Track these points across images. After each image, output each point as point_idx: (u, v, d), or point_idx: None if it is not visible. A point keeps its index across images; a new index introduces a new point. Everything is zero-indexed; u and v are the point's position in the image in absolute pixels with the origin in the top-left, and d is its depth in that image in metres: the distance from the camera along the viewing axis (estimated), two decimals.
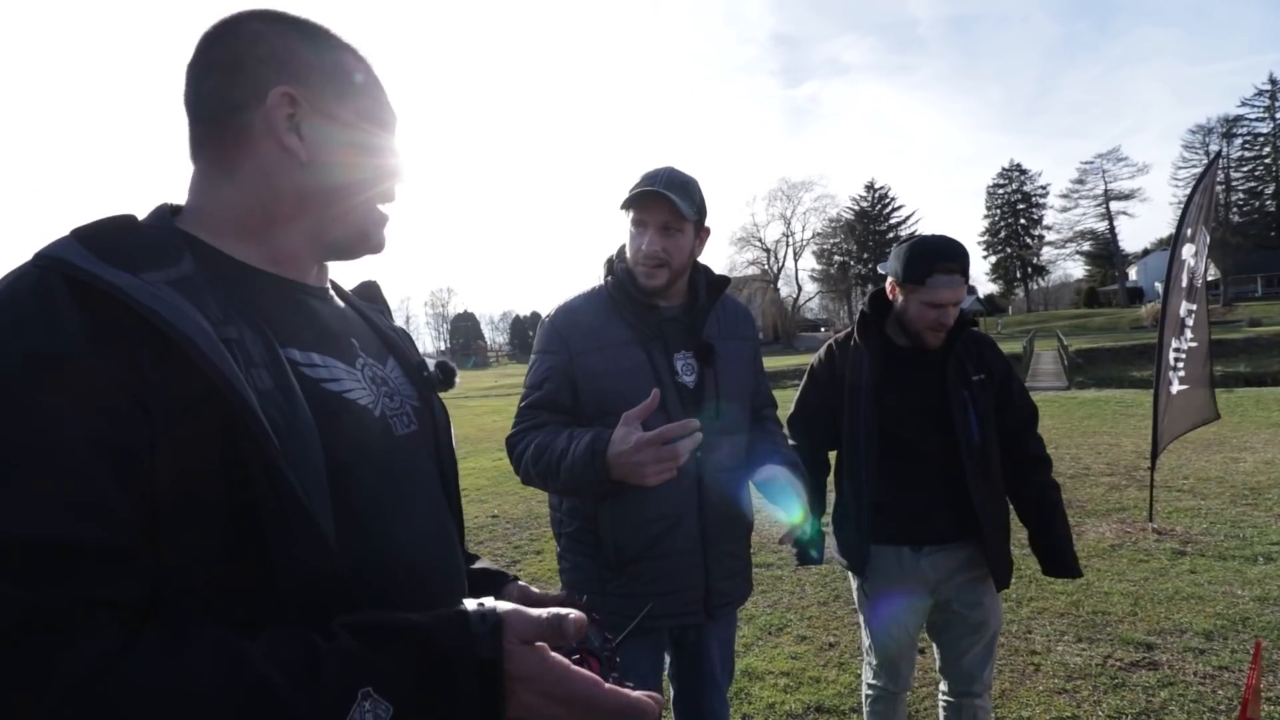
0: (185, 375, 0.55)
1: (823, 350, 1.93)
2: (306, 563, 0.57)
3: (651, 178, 1.43)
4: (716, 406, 1.45)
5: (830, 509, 1.98)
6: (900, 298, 1.76)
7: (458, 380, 0.92)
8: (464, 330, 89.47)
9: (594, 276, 1.59)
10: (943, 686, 1.92)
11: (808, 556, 1.90)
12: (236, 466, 0.56)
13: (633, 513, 1.35)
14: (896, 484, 1.75)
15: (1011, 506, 1.86)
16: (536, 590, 0.90)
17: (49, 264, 0.55)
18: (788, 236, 60.13)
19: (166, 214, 0.70)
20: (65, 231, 0.60)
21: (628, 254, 1.49)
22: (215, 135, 0.69)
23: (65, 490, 0.50)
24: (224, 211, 0.70)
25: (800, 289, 64.07)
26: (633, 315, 1.45)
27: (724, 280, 1.55)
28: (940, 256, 1.68)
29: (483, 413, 16.67)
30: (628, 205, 1.45)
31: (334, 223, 0.74)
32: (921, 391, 1.75)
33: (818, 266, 65.49)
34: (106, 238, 0.59)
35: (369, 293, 0.92)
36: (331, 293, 0.82)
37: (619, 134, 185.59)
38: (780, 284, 59.03)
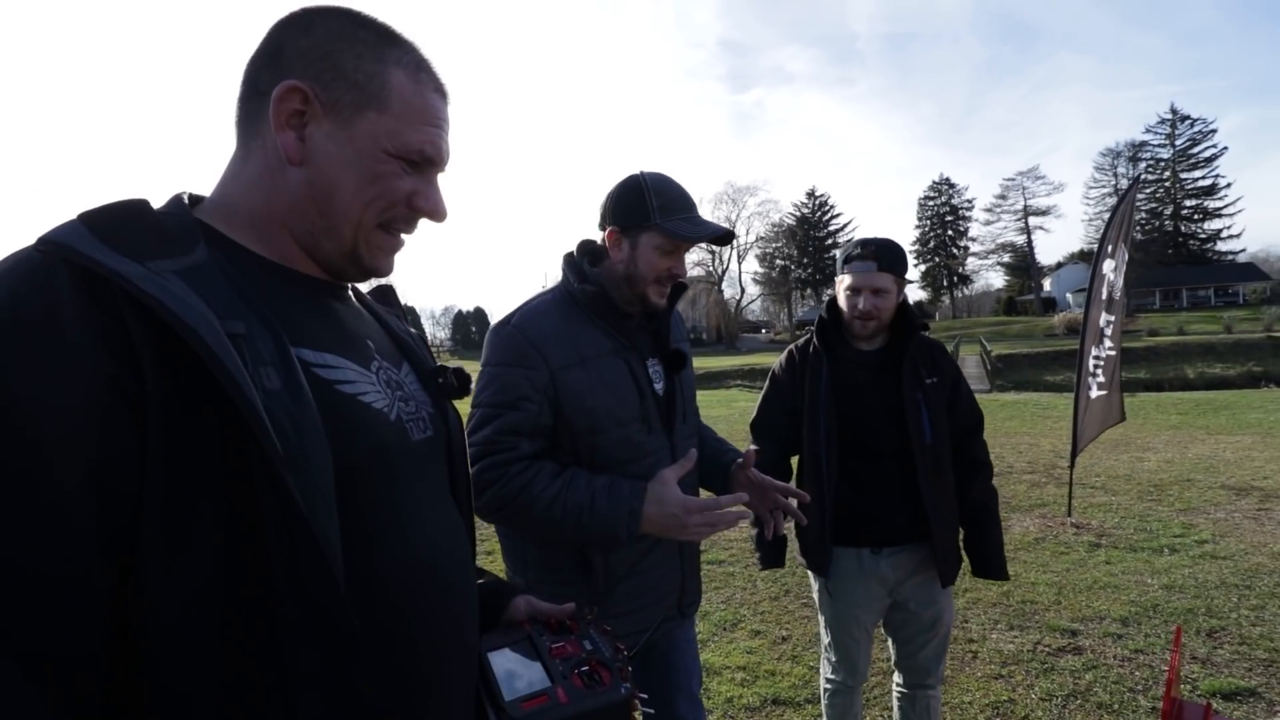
0: (188, 372, 0.52)
1: (784, 356, 1.98)
2: (307, 576, 0.55)
3: (693, 202, 1.39)
4: (684, 411, 1.45)
5: None
6: (838, 295, 1.88)
7: (473, 387, 0.90)
8: None
9: (540, 274, 1.53)
10: (897, 679, 1.99)
11: (770, 560, 1.96)
12: (238, 473, 0.53)
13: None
14: (856, 486, 1.82)
15: None
16: (545, 604, 0.90)
17: (52, 250, 0.52)
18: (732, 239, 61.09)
19: (183, 202, 0.67)
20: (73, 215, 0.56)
21: (640, 266, 1.35)
22: (241, 118, 0.68)
23: (37, 510, 0.48)
24: (239, 202, 0.68)
25: (743, 291, 65.36)
26: (609, 324, 1.37)
27: (682, 285, 1.46)
28: (858, 245, 1.82)
29: None
30: (684, 237, 1.33)
31: (323, 236, 0.69)
32: (879, 394, 1.82)
33: (760, 269, 67.02)
34: (114, 223, 0.55)
35: (385, 296, 0.89)
36: (349, 292, 0.80)
37: (567, 129, 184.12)
38: (724, 285, 60.06)
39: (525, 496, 1.22)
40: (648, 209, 1.33)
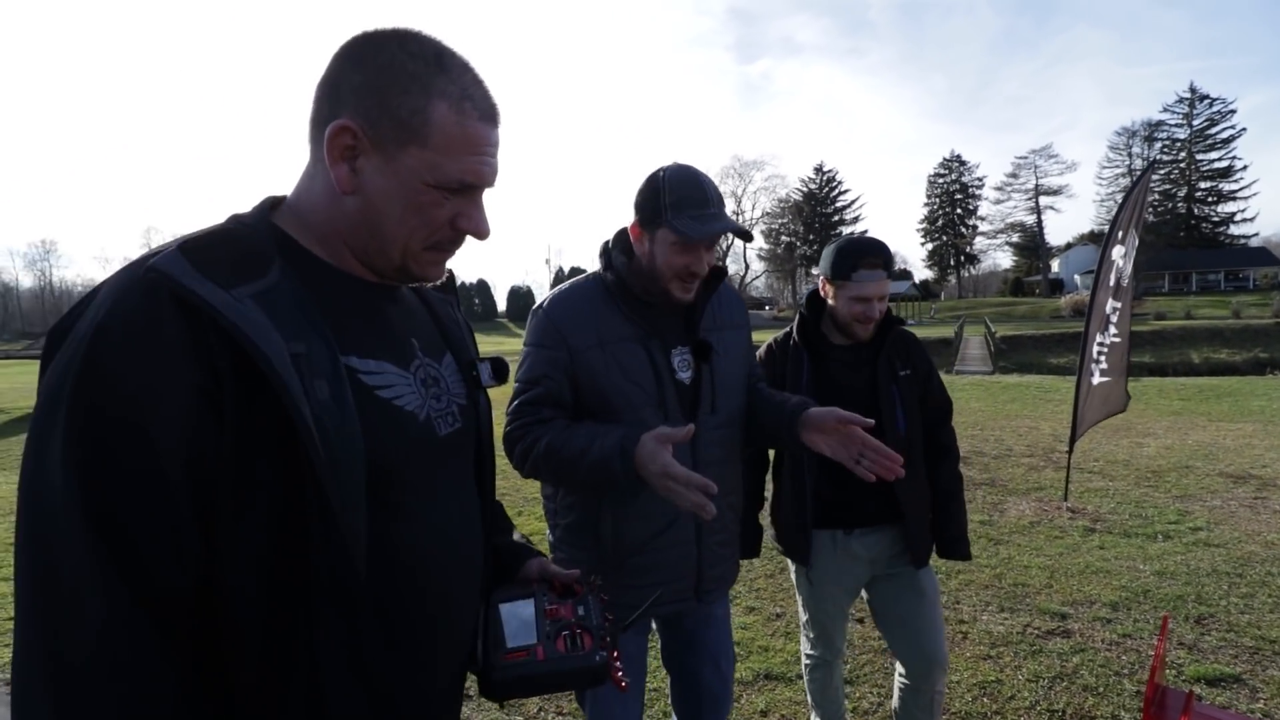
0: (257, 384, 0.63)
1: (763, 350, 2.00)
2: (336, 554, 0.67)
3: (713, 199, 1.36)
4: (713, 401, 1.45)
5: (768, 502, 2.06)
6: (831, 295, 1.87)
7: (510, 377, 0.95)
8: None
9: (543, 246, 1.56)
10: (900, 671, 1.98)
11: (746, 550, 1.98)
12: (289, 467, 0.64)
13: (634, 509, 1.35)
14: (832, 475, 1.84)
15: None
16: (558, 569, 0.98)
17: (157, 278, 0.62)
18: (738, 215, 60.59)
19: (266, 210, 0.77)
20: (178, 236, 0.69)
21: (659, 262, 1.38)
22: (312, 136, 0.75)
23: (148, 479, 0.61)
24: (309, 214, 0.77)
25: (748, 267, 65.01)
26: (631, 310, 1.42)
27: (722, 270, 1.51)
28: (864, 252, 1.81)
29: None
30: (690, 236, 1.32)
31: (375, 255, 0.78)
32: (856, 387, 1.86)
33: (765, 246, 66.60)
34: (207, 251, 0.66)
35: (444, 282, 0.95)
36: (401, 290, 0.87)
37: (569, 98, 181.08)
38: (729, 261, 59.68)
39: (540, 446, 1.34)
40: (660, 206, 1.35)
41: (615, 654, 0.89)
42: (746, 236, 1.41)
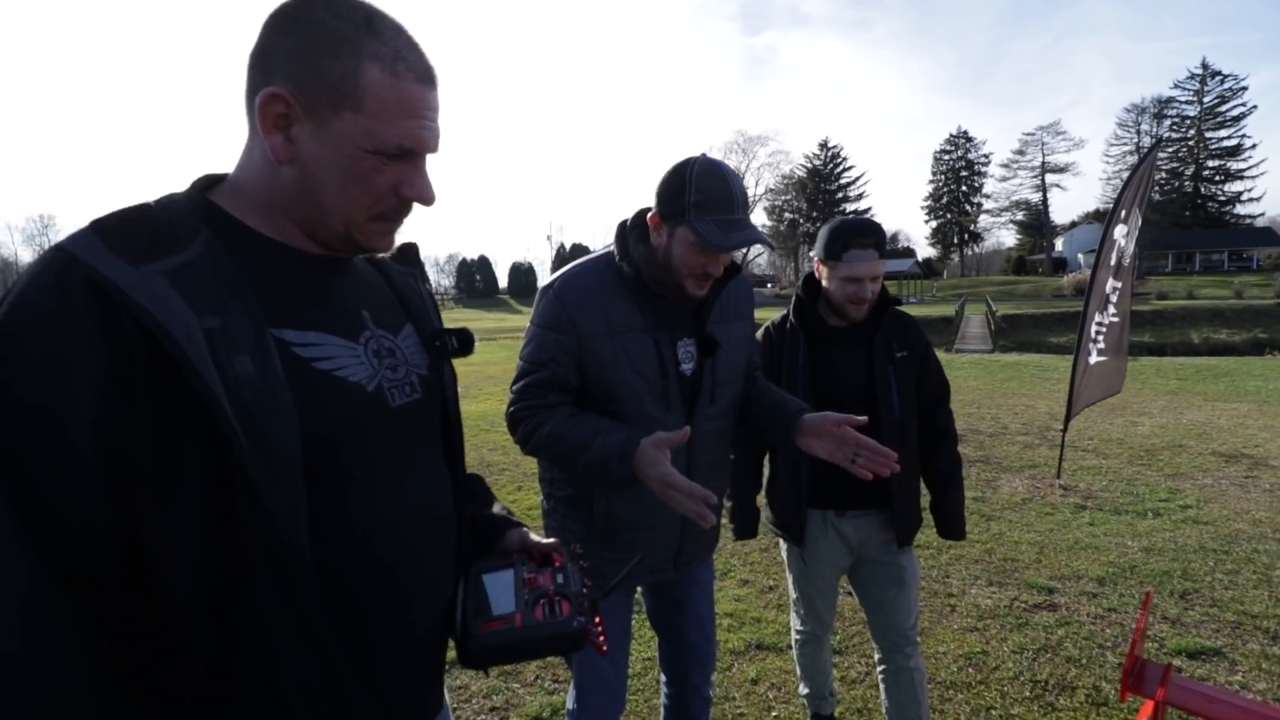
0: (170, 365, 0.62)
1: (760, 334, 2.01)
2: (268, 535, 0.66)
3: (738, 202, 1.31)
4: (712, 392, 1.47)
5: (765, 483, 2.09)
6: (824, 276, 1.87)
7: (476, 347, 0.94)
8: None
9: (544, 221, 1.53)
10: (877, 656, 2.05)
11: (744, 531, 2.05)
12: (215, 445, 0.64)
13: (628, 492, 1.36)
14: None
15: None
16: (538, 538, 0.99)
17: (68, 260, 0.62)
18: (771, 249, 59.84)
19: (202, 187, 0.75)
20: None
21: (675, 259, 1.35)
22: (248, 109, 0.73)
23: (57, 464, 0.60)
24: (247, 187, 0.75)
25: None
26: (643, 300, 1.41)
27: (735, 267, 1.48)
28: (855, 233, 1.80)
29: None
30: (710, 244, 1.29)
31: (318, 225, 0.76)
32: (852, 369, 1.87)
33: (768, 223, 65.89)
34: (120, 229, 0.65)
35: (405, 254, 0.93)
36: (355, 261, 0.85)
37: (575, 74, 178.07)
38: None
39: (542, 431, 1.36)
40: (684, 203, 1.30)
41: (598, 620, 0.91)
42: (770, 247, 1.40)
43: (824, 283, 1.88)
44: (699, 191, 1.29)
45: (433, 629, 0.86)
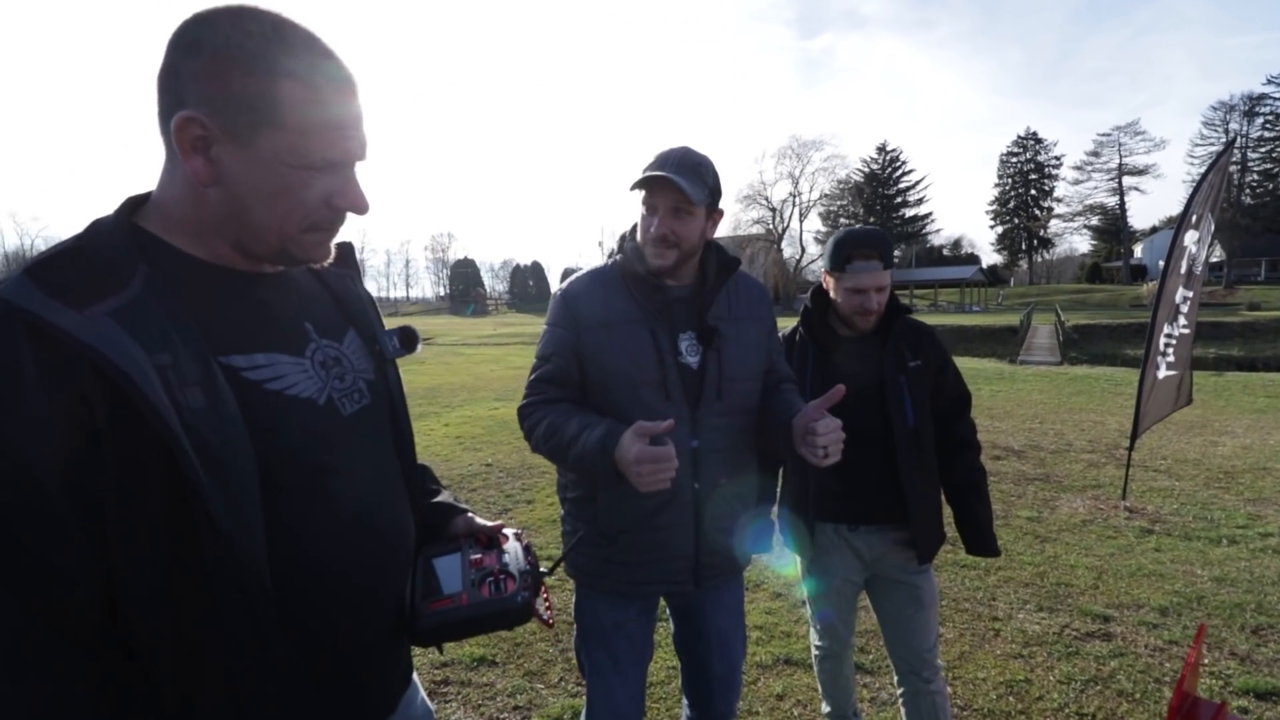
0: (126, 405, 0.62)
1: None
2: (228, 561, 0.67)
3: (662, 161, 1.41)
4: (718, 387, 1.47)
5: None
6: (831, 287, 1.86)
7: (420, 346, 0.98)
8: (463, 277, 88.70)
9: (596, 228, 1.60)
10: (895, 678, 1.98)
11: (758, 546, 1.98)
12: (175, 481, 0.64)
13: (629, 489, 1.35)
14: (839, 469, 1.81)
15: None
16: (484, 522, 1.03)
17: (6, 310, 0.61)
18: (795, 196, 59.05)
19: (127, 212, 0.74)
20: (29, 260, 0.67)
21: (638, 234, 1.48)
22: (162, 134, 0.71)
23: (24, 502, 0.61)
24: (173, 208, 0.74)
25: (804, 250, 63.40)
26: (640, 294, 1.46)
27: (735, 261, 1.54)
28: (858, 244, 1.79)
29: (480, 361, 16.74)
30: (637, 187, 1.43)
31: (251, 242, 0.75)
32: (863, 378, 1.81)
33: (823, 229, 64.71)
34: (56, 272, 0.65)
35: (342, 256, 0.91)
36: (289, 274, 0.85)
37: (628, 81, 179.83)
38: (784, 244, 58.45)
39: (542, 426, 1.42)
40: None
41: (545, 595, 0.95)
42: (705, 167, 1.42)
43: (831, 294, 1.87)
44: (650, 160, 1.44)
45: (390, 623, 0.88)
